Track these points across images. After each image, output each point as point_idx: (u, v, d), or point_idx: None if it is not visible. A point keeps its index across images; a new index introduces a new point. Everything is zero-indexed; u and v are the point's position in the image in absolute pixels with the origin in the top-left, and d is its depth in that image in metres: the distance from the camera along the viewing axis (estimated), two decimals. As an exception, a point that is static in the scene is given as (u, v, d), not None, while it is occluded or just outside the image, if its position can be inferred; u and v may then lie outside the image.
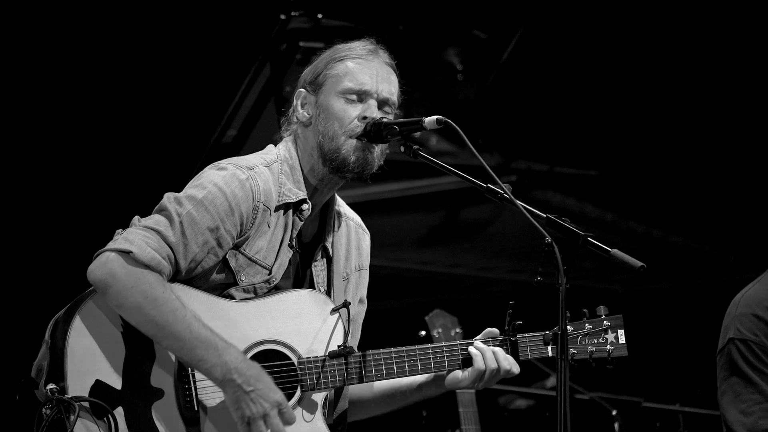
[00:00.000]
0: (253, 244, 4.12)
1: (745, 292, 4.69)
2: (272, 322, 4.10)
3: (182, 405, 4.00)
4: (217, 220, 4.03)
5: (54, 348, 3.94)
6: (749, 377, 4.55)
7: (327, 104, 4.20)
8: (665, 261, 9.40)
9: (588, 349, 4.30)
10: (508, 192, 4.01)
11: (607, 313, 4.33)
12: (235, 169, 4.11)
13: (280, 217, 4.17)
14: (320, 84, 4.23)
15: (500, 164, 8.91)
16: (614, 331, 4.33)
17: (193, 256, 4.01)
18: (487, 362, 4.21)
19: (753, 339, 4.57)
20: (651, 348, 9.32)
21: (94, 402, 3.91)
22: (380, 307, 8.91)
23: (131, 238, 3.94)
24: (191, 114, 7.54)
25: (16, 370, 4.18)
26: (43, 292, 6.84)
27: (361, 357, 4.15)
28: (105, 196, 7.22)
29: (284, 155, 4.24)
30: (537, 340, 4.28)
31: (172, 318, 3.91)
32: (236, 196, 4.07)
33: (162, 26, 7.29)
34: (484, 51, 8.46)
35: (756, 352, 4.56)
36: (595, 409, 8.07)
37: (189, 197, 4.04)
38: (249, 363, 3.98)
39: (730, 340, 4.60)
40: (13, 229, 7.19)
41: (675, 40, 8.51)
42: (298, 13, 7.46)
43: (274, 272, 4.15)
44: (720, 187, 9.16)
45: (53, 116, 7.23)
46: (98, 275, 3.92)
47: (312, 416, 4.09)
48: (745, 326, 4.59)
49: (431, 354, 4.22)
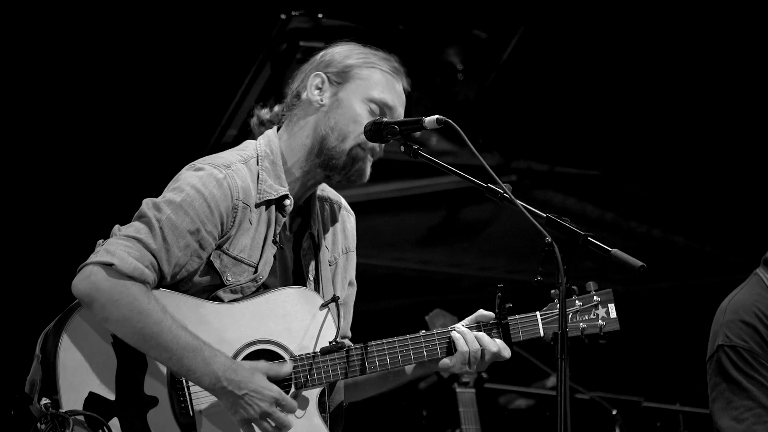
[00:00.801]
0: (236, 242, 4.10)
1: (731, 299, 4.68)
2: (262, 322, 4.09)
3: (177, 412, 4.00)
4: (197, 223, 4.01)
5: (45, 362, 3.93)
6: (740, 383, 4.54)
7: (349, 103, 4.17)
8: (666, 261, 9.40)
9: (580, 326, 4.27)
10: (508, 192, 4.01)
11: (596, 289, 4.30)
12: (212, 168, 4.08)
13: (262, 213, 4.14)
14: (346, 79, 4.19)
15: (500, 164, 8.91)
16: (605, 306, 4.30)
17: (176, 261, 3.99)
18: (468, 344, 4.18)
19: (742, 345, 4.56)
20: (651, 348, 9.32)
21: (88, 415, 3.90)
22: (380, 306, 8.93)
23: (112, 250, 3.92)
24: (191, 114, 7.54)
25: (11, 385, 4.17)
26: (33, 302, 6.81)
27: (353, 351, 4.15)
28: (105, 196, 7.21)
29: (264, 150, 4.20)
30: (528, 321, 4.26)
31: (158, 329, 3.90)
32: (215, 196, 4.04)
33: (162, 26, 7.29)
34: (484, 51, 8.46)
35: (746, 358, 4.55)
36: (596, 408, 8.07)
37: (167, 201, 4.01)
38: (237, 366, 3.97)
39: (720, 347, 4.59)
40: (4, 238, 7.18)
41: (675, 40, 8.51)
42: (299, 13, 7.46)
43: (260, 270, 4.14)
44: (720, 187, 9.16)
45: (53, 116, 7.23)
46: (82, 289, 3.91)
47: (307, 413, 4.09)
48: (734, 332, 4.58)
49: (423, 343, 4.21)
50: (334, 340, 4.13)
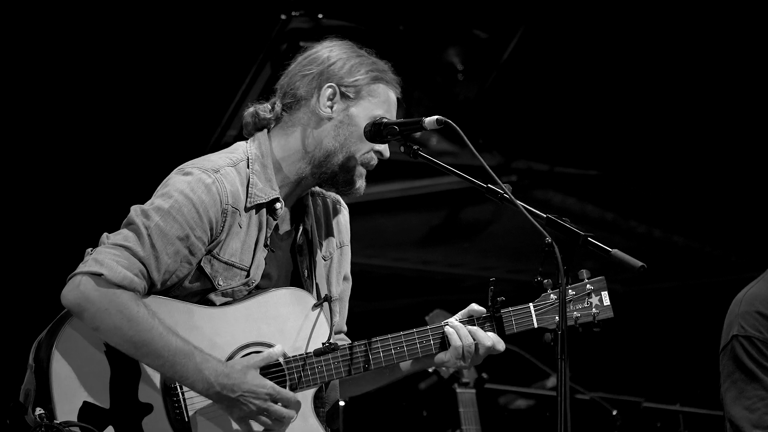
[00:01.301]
0: (227, 247, 4.08)
1: (747, 290, 4.69)
2: (254, 325, 4.08)
3: (172, 417, 3.99)
4: (186, 229, 3.99)
5: (39, 372, 3.92)
6: (754, 373, 4.55)
7: (359, 121, 4.15)
8: (666, 261, 9.40)
9: (573, 315, 4.24)
10: (508, 192, 4.01)
11: (589, 277, 4.29)
12: (201, 173, 4.05)
13: (252, 216, 4.12)
14: (359, 96, 4.16)
15: (500, 164, 8.91)
16: (598, 294, 4.27)
17: (166, 268, 3.97)
18: (462, 338, 4.17)
19: (757, 336, 4.57)
20: (651, 348, 9.33)
21: (83, 426, 3.90)
22: (381, 306, 8.94)
23: (101, 259, 3.91)
24: (191, 114, 7.54)
25: (5, 394, 4.17)
26: (27, 309, 6.80)
27: (346, 350, 4.15)
28: (104, 197, 7.21)
29: (255, 153, 4.18)
30: (521, 313, 4.25)
31: (149, 336, 3.90)
32: (203, 201, 4.02)
33: (162, 26, 7.29)
34: (485, 51, 8.46)
35: (760, 349, 4.56)
36: (596, 409, 8.06)
37: (156, 208, 3.99)
38: (229, 370, 3.97)
39: (734, 337, 4.60)
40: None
41: (675, 40, 8.51)
42: (299, 13, 7.46)
43: (252, 273, 4.12)
44: (720, 187, 9.16)
45: (52, 117, 7.23)
46: (71, 299, 3.90)
47: (302, 413, 4.09)
48: (749, 323, 4.59)
49: (417, 339, 4.21)
50: (327, 341, 4.12)
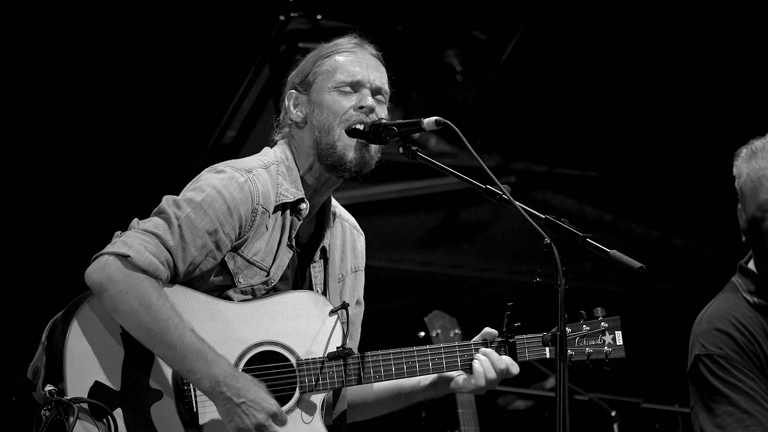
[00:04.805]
0: (251, 246, 4.12)
1: (706, 310, 4.71)
2: (271, 324, 4.10)
3: (181, 407, 4.00)
4: (215, 223, 4.03)
5: (52, 349, 3.94)
6: (720, 391, 4.55)
7: (320, 100, 4.19)
8: (665, 262, 9.40)
9: (585, 351, 4.29)
10: (507, 193, 4.01)
11: (604, 315, 4.32)
12: (234, 171, 4.11)
13: (277, 218, 4.16)
14: (311, 82, 4.23)
15: (499, 165, 8.91)
16: (612, 332, 4.32)
17: (191, 260, 4.01)
18: (495, 365, 4.20)
19: (718, 352, 4.57)
20: (650, 349, 9.32)
21: (93, 403, 3.91)
22: (380, 307, 8.92)
23: (130, 242, 3.94)
24: (190, 115, 7.54)
25: (11, 372, 4.18)
26: (38, 293, 6.84)
27: (359, 358, 4.15)
28: (104, 197, 7.22)
29: (280, 157, 4.23)
30: (535, 342, 4.28)
31: (165, 326, 3.92)
32: (235, 198, 4.07)
33: (161, 27, 7.29)
34: (484, 52, 8.46)
35: (723, 365, 4.56)
36: (595, 410, 8.06)
37: (188, 200, 4.04)
38: (238, 375, 3.98)
39: (697, 357, 4.61)
40: (10, 230, 7.19)
41: (675, 40, 8.51)
42: (297, 14, 7.46)
43: (272, 274, 4.15)
44: (720, 187, 9.15)
45: (52, 117, 7.23)
46: (95, 278, 3.93)
47: (311, 418, 4.09)
48: (709, 341, 4.60)
49: (429, 355, 4.22)
50: (342, 346, 4.14)
